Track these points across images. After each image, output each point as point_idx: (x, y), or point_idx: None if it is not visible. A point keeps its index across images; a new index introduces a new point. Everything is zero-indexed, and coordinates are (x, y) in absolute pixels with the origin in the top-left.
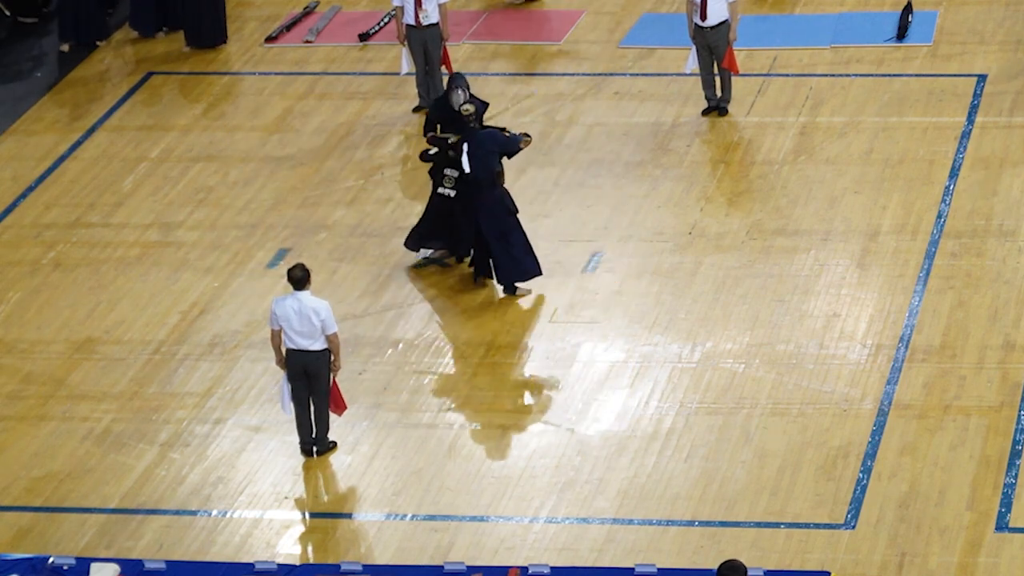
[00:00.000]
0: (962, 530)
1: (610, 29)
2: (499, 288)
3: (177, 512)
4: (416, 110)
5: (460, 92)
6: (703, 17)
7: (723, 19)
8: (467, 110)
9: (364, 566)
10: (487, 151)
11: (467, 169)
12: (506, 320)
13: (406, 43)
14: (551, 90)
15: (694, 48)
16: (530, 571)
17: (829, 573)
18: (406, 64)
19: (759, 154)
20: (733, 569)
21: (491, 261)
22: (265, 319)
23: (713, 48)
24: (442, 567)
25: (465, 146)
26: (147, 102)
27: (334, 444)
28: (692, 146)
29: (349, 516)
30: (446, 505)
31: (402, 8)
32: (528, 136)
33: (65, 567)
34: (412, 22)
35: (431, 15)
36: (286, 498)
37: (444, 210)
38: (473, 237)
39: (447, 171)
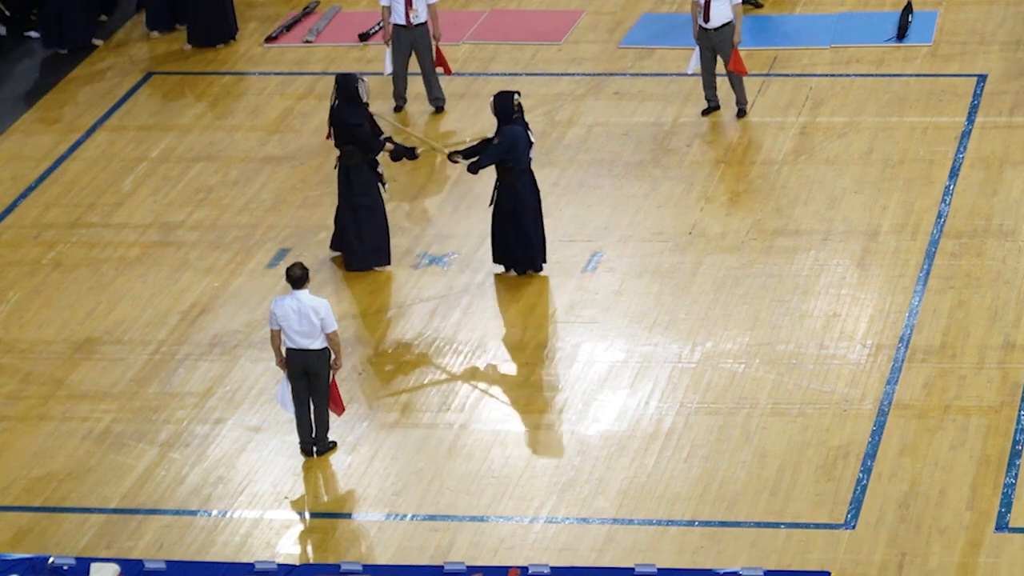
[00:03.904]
0: (962, 530)
1: (610, 29)
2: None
3: (177, 512)
4: (397, 110)
5: (363, 82)
6: (706, 19)
7: (727, 21)
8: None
9: (364, 566)
10: None
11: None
12: (506, 320)
13: (390, 43)
14: (551, 90)
15: (697, 49)
16: (530, 571)
17: (829, 573)
18: (389, 64)
19: (759, 154)
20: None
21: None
22: (265, 319)
23: (717, 50)
24: (442, 567)
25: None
26: (147, 102)
27: (334, 444)
28: (692, 146)
29: (349, 516)
30: (446, 505)
31: (389, 8)
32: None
33: (65, 567)
34: (402, 22)
35: (421, 15)
36: (286, 498)
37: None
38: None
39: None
